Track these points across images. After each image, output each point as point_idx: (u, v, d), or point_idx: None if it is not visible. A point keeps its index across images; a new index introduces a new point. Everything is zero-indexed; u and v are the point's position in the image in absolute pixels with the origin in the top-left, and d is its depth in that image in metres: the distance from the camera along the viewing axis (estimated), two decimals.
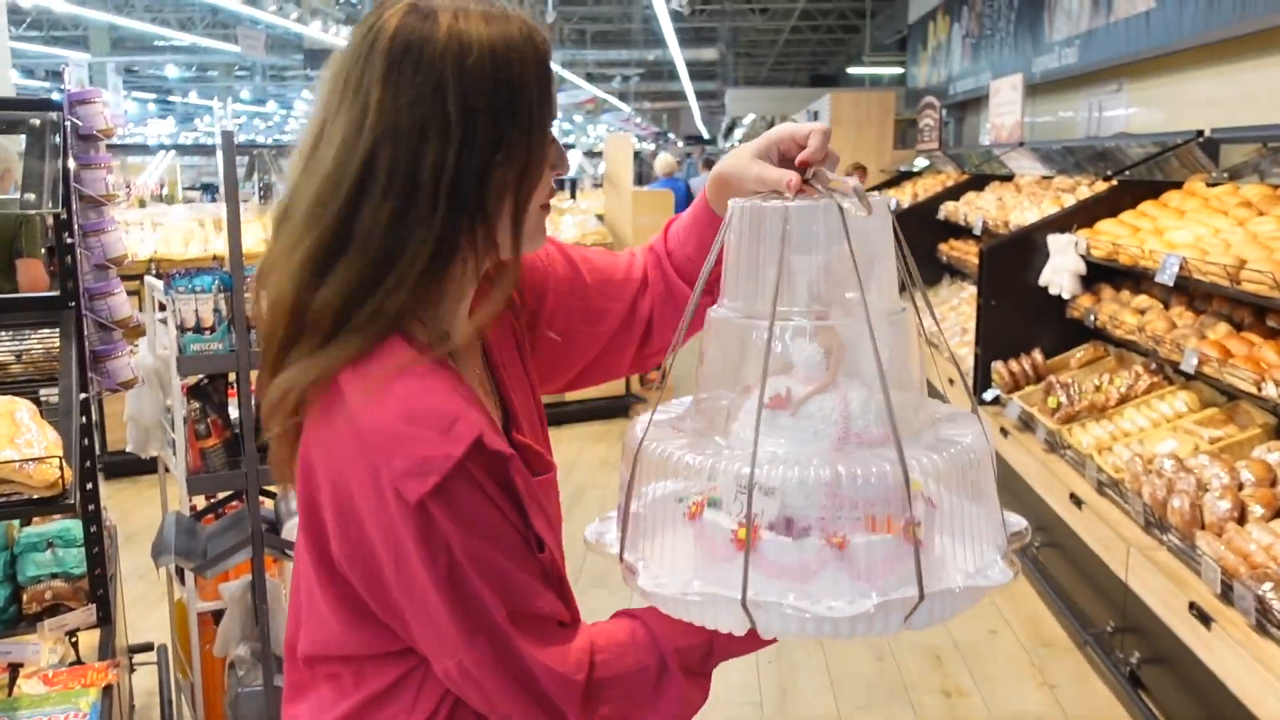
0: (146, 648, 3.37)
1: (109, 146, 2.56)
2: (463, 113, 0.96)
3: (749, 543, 0.88)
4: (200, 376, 2.31)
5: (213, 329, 2.21)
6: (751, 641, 0.97)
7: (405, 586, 0.95)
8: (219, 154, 2.28)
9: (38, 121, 2.35)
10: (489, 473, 0.93)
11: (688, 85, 19.81)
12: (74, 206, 2.44)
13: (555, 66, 1.07)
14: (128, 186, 9.13)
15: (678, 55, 16.14)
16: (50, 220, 2.28)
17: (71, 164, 2.39)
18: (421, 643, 0.99)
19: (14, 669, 2.16)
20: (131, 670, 3.24)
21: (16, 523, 2.67)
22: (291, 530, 2.32)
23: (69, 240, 2.41)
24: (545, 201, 1.04)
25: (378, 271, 0.96)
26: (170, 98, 26.42)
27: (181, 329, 2.21)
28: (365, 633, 1.02)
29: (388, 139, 0.95)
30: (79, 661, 2.26)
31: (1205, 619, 2.67)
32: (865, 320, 0.90)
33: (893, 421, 0.88)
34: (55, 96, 2.57)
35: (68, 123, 2.39)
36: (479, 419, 0.94)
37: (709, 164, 14.06)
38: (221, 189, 2.17)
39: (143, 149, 10.48)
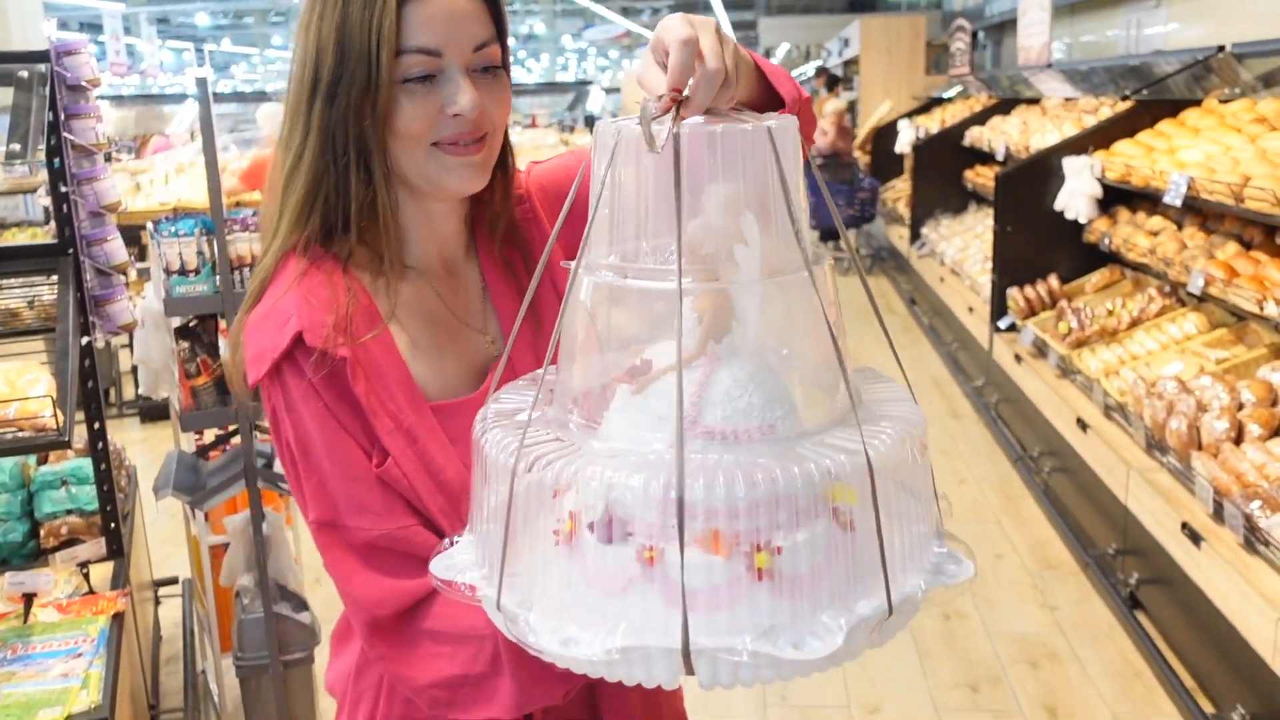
0: (171, 581, 3.52)
1: (141, 96, 2.61)
2: (304, 48, 0.98)
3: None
4: (189, 318, 2.38)
5: (197, 271, 2.28)
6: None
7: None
8: (197, 104, 2.31)
9: (25, 74, 2.40)
10: (320, 369, 0.96)
11: (721, 14, 19.41)
12: (67, 156, 2.50)
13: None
14: (165, 136, 9.24)
15: None
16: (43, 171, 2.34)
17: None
18: None
19: (29, 599, 2.27)
20: (157, 603, 3.39)
21: (33, 462, 2.79)
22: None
23: (64, 189, 2.48)
24: (438, 139, 0.98)
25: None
26: (206, 46, 26.50)
27: (167, 272, 2.28)
28: None
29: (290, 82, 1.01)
30: (91, 592, 2.37)
31: (1196, 538, 2.67)
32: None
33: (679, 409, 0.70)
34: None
35: (55, 73, 2.44)
36: (314, 319, 0.96)
37: None
38: (199, 135, 2.21)
39: (175, 98, 10.54)
